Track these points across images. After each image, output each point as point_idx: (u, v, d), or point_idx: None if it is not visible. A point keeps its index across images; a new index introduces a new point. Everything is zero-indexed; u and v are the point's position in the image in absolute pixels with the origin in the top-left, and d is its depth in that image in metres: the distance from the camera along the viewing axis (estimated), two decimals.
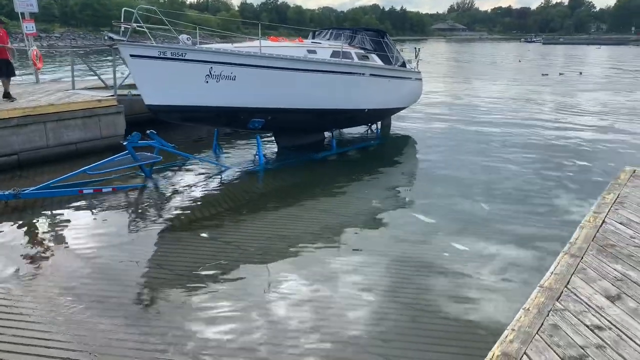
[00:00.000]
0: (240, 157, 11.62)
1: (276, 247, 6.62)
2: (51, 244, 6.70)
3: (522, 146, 12.65)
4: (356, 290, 5.50)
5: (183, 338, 4.58)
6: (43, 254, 6.38)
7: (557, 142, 13.24)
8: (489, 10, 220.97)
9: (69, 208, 8.01)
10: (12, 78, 11.59)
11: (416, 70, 14.66)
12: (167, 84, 8.81)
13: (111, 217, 7.70)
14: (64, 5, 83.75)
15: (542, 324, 3.33)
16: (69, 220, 7.55)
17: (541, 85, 28.15)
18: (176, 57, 8.79)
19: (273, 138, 12.40)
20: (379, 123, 14.48)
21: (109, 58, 15.42)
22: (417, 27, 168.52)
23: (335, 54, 11.34)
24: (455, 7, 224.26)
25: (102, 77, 13.80)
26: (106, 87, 13.03)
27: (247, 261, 6.20)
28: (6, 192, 7.78)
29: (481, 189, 9.22)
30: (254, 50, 9.86)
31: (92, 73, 14.68)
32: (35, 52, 14.59)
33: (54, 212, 7.88)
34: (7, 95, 11.23)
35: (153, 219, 7.69)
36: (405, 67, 13.87)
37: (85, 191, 8.48)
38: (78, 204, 8.20)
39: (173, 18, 9.14)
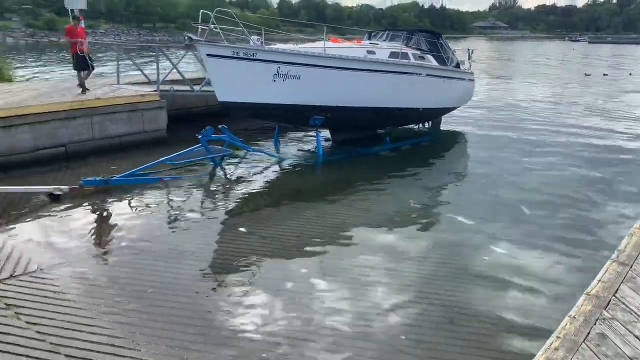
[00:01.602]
0: (297, 150, 11.97)
1: (312, 245, 6.65)
2: (102, 233, 6.95)
3: (566, 151, 12.21)
4: (392, 291, 5.46)
5: (218, 329, 4.66)
6: (93, 243, 6.60)
7: (603, 148, 12.70)
8: (532, 8, 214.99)
9: (127, 198, 8.30)
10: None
11: (469, 71, 14.80)
12: (238, 81, 9.33)
13: (161, 209, 7.97)
14: (110, 2, 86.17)
15: (589, 332, 3.23)
16: (122, 210, 7.80)
17: (584, 86, 27.23)
18: (248, 57, 9.30)
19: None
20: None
21: (152, 54, 15.81)
22: (457, 25, 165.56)
23: (393, 54, 11.71)
24: (497, 5, 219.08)
25: (145, 72, 14.13)
26: (149, 83, 13.33)
27: (281, 257, 6.26)
28: (97, 178, 8.41)
29: (524, 192, 8.97)
30: (318, 51, 10.32)
31: (136, 68, 15.06)
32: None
33: (112, 200, 8.16)
34: (81, 87, 11.79)
35: (201, 211, 7.95)
36: (459, 67, 14.04)
37: (165, 179, 9.00)
38: (139, 192, 8.54)
39: (231, 18, 9.58)
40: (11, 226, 6.96)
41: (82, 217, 7.47)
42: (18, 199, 7.97)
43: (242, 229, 7.16)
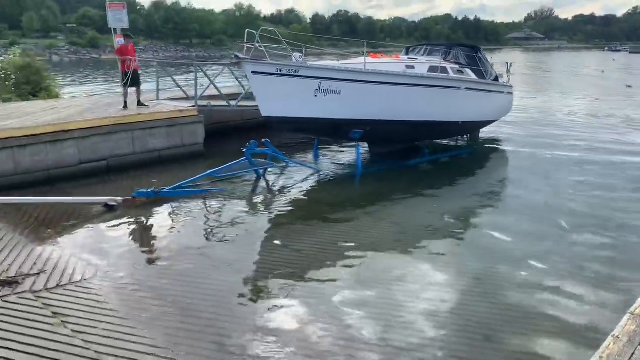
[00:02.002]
0: (337, 163, 12.24)
1: (344, 259, 6.67)
2: (146, 244, 7.22)
3: (606, 169, 11.63)
4: (427, 306, 5.43)
5: (255, 342, 4.74)
6: (136, 253, 6.86)
7: None
8: (570, 18, 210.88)
9: (173, 209, 8.61)
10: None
11: (508, 84, 14.85)
12: (281, 97, 9.64)
13: (203, 221, 8.23)
14: (149, 20, 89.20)
15: (634, 353, 3.15)
16: (166, 222, 8.09)
17: (625, 98, 26.38)
18: (290, 74, 9.64)
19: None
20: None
21: (190, 70, 16.29)
22: (492, 36, 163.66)
23: (432, 68, 11.90)
24: (533, 16, 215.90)
25: (183, 88, 14.52)
26: (187, 98, 13.67)
27: (313, 271, 6.31)
28: (149, 190, 8.81)
29: (563, 211, 8.64)
30: (358, 67, 10.60)
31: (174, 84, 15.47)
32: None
33: (158, 212, 8.48)
34: (140, 103, 12.40)
35: (240, 223, 8.10)
36: (498, 81, 14.09)
37: (212, 191, 9.46)
38: (185, 204, 8.86)
39: (275, 36, 10.06)
40: (60, 236, 7.27)
41: (129, 228, 7.77)
42: (70, 209, 8.33)
43: (277, 242, 7.27)
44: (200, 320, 5.07)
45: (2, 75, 16.76)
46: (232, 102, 12.94)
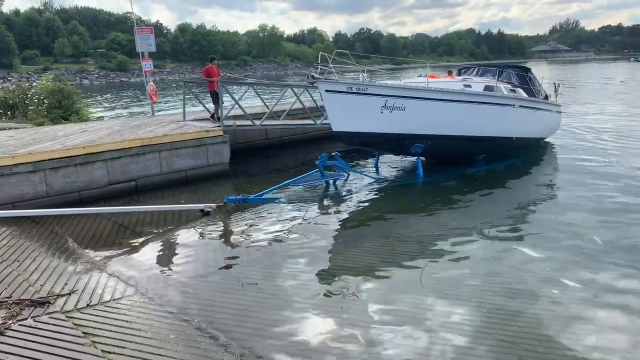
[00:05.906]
0: (397, 172, 13.02)
1: (369, 278, 6.62)
2: (169, 265, 7.26)
3: None
4: (456, 326, 5.32)
5: None
6: (164, 273, 6.93)
7: None
8: (596, 29, 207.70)
9: (199, 228, 8.72)
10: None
11: (557, 103, 15.53)
12: (351, 113, 10.31)
13: (233, 238, 8.32)
14: (175, 43, 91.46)
15: None
16: (194, 241, 8.20)
17: None
18: (360, 92, 10.32)
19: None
20: None
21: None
22: (516, 49, 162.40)
23: (487, 87, 12.63)
24: (558, 28, 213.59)
25: (209, 108, 14.74)
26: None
27: (338, 291, 6.27)
28: (238, 197, 9.66)
29: (603, 227, 8.35)
30: (421, 85, 11.37)
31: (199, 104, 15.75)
32: (152, 87, 16.02)
33: (184, 232, 8.60)
34: (213, 117, 13.54)
35: (276, 240, 8.12)
36: (547, 100, 14.76)
37: (290, 197, 10.32)
38: (219, 221, 9.12)
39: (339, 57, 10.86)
40: (91, 256, 7.39)
41: (159, 248, 7.90)
42: (99, 231, 8.51)
43: (302, 260, 7.23)
44: (226, 340, 5.06)
45: (36, 100, 17.37)
46: (257, 122, 13.08)
